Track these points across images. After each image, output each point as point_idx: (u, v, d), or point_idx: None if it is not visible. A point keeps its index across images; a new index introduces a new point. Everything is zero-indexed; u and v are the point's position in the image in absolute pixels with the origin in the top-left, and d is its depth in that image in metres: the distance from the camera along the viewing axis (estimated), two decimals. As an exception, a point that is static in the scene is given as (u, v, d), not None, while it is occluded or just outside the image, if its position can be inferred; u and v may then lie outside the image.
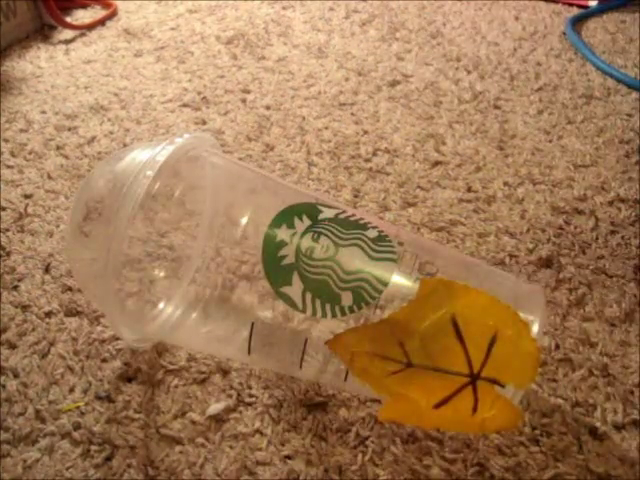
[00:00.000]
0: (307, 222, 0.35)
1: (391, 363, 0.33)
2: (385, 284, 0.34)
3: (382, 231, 0.35)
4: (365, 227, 0.36)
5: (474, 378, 0.32)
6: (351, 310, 0.34)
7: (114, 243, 0.32)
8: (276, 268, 0.35)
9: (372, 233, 0.35)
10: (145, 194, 0.33)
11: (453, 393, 0.32)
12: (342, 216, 0.36)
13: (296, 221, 0.35)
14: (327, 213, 0.36)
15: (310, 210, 0.36)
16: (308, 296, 0.34)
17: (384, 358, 0.33)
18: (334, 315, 0.34)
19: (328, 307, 0.34)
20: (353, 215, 0.36)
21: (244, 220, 0.39)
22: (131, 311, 0.40)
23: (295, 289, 0.34)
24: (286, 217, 0.36)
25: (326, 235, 0.35)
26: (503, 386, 0.31)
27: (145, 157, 0.34)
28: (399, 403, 0.34)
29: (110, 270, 0.33)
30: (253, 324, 0.36)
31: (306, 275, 0.34)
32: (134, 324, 0.38)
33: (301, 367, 0.36)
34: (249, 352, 0.37)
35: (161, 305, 0.41)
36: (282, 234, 0.35)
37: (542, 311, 0.33)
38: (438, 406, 0.32)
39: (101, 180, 0.36)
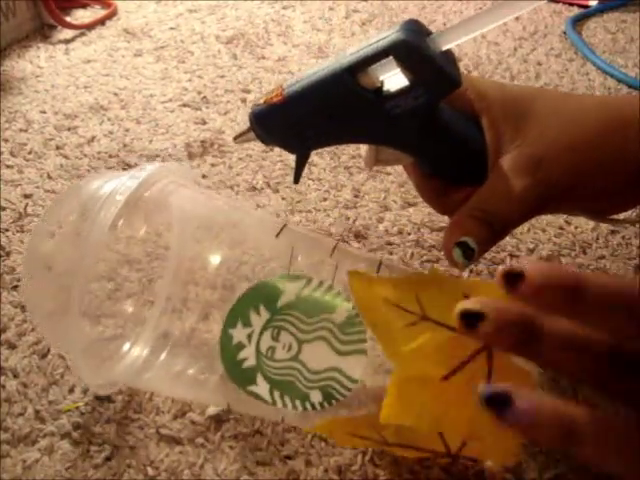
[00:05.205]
0: (265, 315, 0.33)
1: (370, 442, 0.33)
2: (354, 381, 0.32)
3: (352, 308, 0.32)
4: (332, 307, 0.33)
5: (452, 456, 0.32)
6: (322, 406, 0.33)
7: (78, 282, 0.30)
8: (238, 370, 0.33)
9: (341, 315, 0.33)
10: (107, 237, 0.30)
11: (432, 457, 0.33)
12: (306, 292, 0.33)
13: (252, 316, 0.33)
14: (289, 293, 0.33)
15: (268, 294, 0.33)
16: (276, 393, 0.33)
17: (363, 438, 0.33)
18: (305, 409, 0.33)
19: (298, 402, 0.33)
20: (320, 285, 0.33)
21: (214, 262, 0.37)
22: (94, 352, 0.37)
23: (262, 388, 0.33)
24: (241, 311, 0.33)
25: (287, 330, 0.33)
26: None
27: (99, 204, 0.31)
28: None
29: (74, 310, 0.30)
30: (228, 404, 0.35)
31: (270, 377, 0.33)
32: (98, 366, 0.36)
33: (284, 421, 0.36)
34: (229, 409, 0.36)
35: (127, 346, 0.38)
36: (239, 335, 0.33)
37: None
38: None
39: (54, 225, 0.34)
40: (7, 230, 0.50)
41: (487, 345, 0.30)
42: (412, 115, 0.32)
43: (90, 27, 0.81)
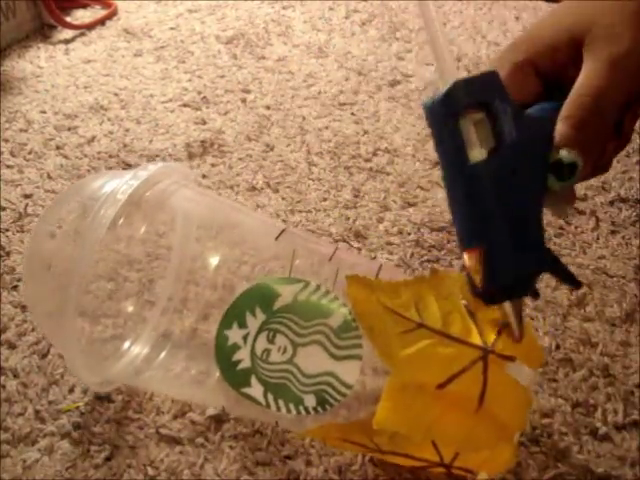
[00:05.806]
0: (261, 317, 0.33)
1: (362, 449, 0.33)
2: (349, 387, 0.32)
3: (349, 314, 0.32)
4: (328, 311, 0.32)
5: (446, 466, 0.32)
6: (315, 410, 0.33)
7: (75, 281, 0.30)
8: (233, 372, 0.33)
9: (337, 319, 0.32)
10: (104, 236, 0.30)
11: (425, 467, 0.33)
12: (303, 296, 0.33)
13: (248, 317, 0.33)
14: (285, 296, 0.33)
15: (265, 296, 0.33)
16: (270, 396, 0.33)
17: (354, 444, 0.33)
18: (299, 413, 0.33)
19: (292, 406, 0.33)
20: (317, 289, 0.33)
21: (214, 262, 0.37)
22: (93, 351, 0.38)
23: (256, 390, 0.33)
24: (237, 312, 0.33)
25: (282, 333, 0.33)
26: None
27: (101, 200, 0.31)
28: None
29: (70, 309, 0.30)
30: (224, 407, 0.35)
31: (265, 379, 0.33)
32: (95, 365, 0.35)
33: (278, 426, 0.36)
34: (224, 410, 0.36)
35: (126, 344, 0.38)
36: (234, 336, 0.33)
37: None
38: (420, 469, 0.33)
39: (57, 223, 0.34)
40: (7, 230, 0.50)
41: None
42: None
43: (90, 27, 0.81)
